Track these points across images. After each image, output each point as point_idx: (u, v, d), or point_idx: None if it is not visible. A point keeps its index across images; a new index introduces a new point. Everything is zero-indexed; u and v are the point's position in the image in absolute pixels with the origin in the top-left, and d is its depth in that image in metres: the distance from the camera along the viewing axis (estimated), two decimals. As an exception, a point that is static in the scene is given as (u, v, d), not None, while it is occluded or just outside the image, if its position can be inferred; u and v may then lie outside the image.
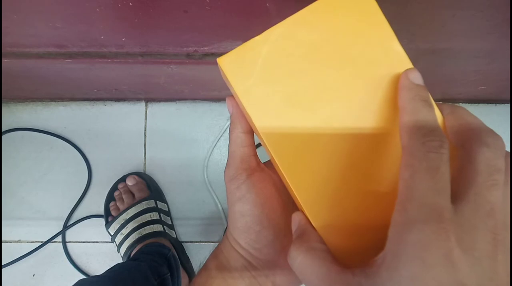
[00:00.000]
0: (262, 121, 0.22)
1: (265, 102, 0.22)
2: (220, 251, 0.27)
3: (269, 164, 0.26)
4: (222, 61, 0.22)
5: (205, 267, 0.28)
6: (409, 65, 0.22)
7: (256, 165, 0.26)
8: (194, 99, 0.79)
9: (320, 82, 0.22)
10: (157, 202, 0.73)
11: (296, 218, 0.23)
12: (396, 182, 0.19)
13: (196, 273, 0.74)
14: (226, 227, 0.78)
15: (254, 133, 0.25)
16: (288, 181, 0.22)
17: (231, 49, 0.22)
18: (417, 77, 0.21)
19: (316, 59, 0.22)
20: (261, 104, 0.22)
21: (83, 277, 0.73)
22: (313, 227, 0.22)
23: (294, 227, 0.23)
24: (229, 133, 0.26)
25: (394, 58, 0.22)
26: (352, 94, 0.22)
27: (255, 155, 0.26)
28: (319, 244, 0.21)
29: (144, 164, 0.78)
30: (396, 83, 0.22)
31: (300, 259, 0.20)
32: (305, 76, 0.22)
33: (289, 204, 0.25)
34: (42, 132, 0.77)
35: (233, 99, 0.24)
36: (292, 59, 0.22)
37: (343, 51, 0.22)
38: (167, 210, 0.76)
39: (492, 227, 0.17)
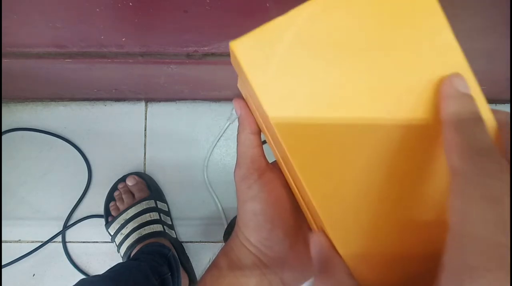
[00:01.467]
0: (281, 121, 0.18)
1: (285, 99, 0.18)
2: (231, 249, 0.27)
3: (277, 164, 0.26)
4: (236, 46, 0.18)
5: (215, 265, 0.27)
6: (463, 63, 0.18)
7: (266, 165, 0.26)
8: (194, 99, 0.79)
9: (354, 78, 0.18)
10: (157, 202, 0.73)
11: (316, 240, 0.20)
12: (440, 207, 0.16)
13: (195, 272, 0.74)
14: (226, 227, 0.78)
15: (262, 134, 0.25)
16: (308, 194, 0.19)
17: (231, 49, 0.21)
18: (463, 85, 0.18)
19: (351, 48, 0.18)
20: (281, 101, 0.18)
21: (83, 277, 0.73)
22: (337, 252, 0.19)
23: (314, 250, 0.20)
24: (237, 134, 0.26)
25: (445, 53, 0.18)
26: (389, 95, 0.18)
27: (264, 156, 0.26)
28: (348, 279, 0.18)
29: (144, 164, 0.78)
30: None
31: None
32: (336, 70, 0.18)
33: (298, 203, 0.25)
34: (42, 132, 0.77)
35: (241, 101, 0.24)
36: (322, 47, 0.18)
37: (384, 41, 0.18)
38: (167, 210, 0.75)
39: None
